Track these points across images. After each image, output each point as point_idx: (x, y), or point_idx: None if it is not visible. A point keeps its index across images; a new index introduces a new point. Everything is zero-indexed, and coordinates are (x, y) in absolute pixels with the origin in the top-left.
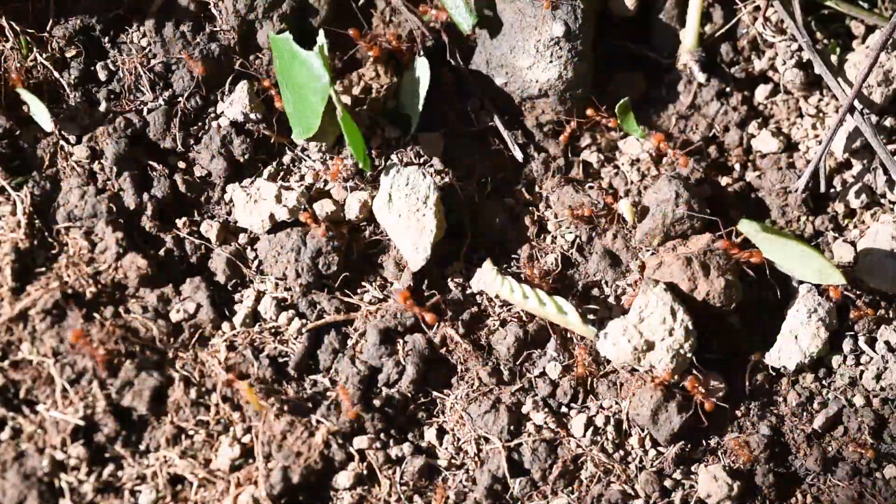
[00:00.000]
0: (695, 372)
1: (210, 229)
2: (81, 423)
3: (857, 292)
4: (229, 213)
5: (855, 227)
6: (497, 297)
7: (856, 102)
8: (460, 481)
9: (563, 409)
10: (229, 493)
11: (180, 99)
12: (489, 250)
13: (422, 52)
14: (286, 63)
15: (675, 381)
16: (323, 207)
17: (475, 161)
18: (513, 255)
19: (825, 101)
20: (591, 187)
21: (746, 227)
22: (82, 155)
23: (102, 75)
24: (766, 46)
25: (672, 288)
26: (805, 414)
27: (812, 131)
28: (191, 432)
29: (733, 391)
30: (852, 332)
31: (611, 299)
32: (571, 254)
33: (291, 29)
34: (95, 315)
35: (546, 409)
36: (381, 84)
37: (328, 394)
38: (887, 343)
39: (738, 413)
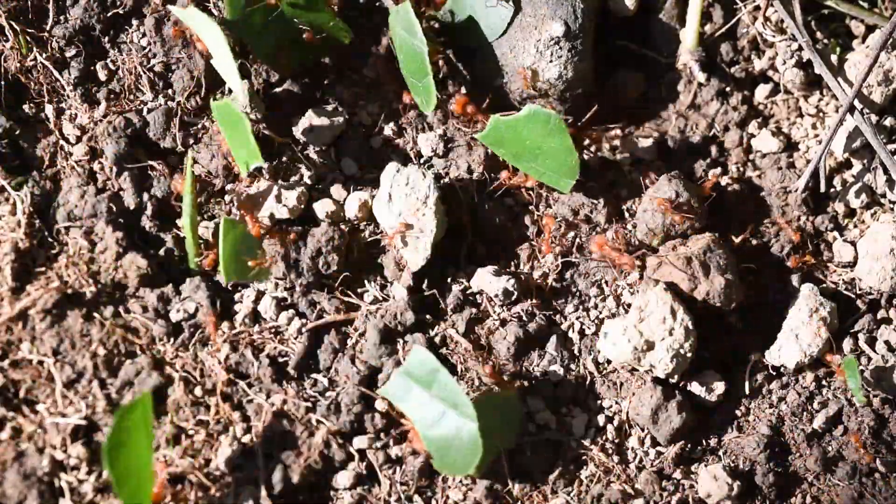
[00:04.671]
0: None
1: (208, 230)
2: (82, 423)
3: (857, 292)
4: (229, 213)
5: (855, 226)
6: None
7: (856, 102)
8: (460, 481)
9: (564, 409)
10: (229, 493)
11: (180, 99)
12: (489, 250)
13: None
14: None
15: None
16: (323, 207)
17: (475, 161)
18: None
19: (825, 100)
20: (590, 187)
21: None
22: (82, 155)
23: (102, 75)
24: (766, 46)
25: (672, 288)
26: (805, 414)
27: (812, 131)
28: (191, 432)
29: (733, 391)
30: (852, 332)
31: (611, 299)
32: (571, 253)
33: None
34: (95, 315)
35: (546, 409)
36: None
37: (328, 394)
38: (887, 343)
39: (738, 413)
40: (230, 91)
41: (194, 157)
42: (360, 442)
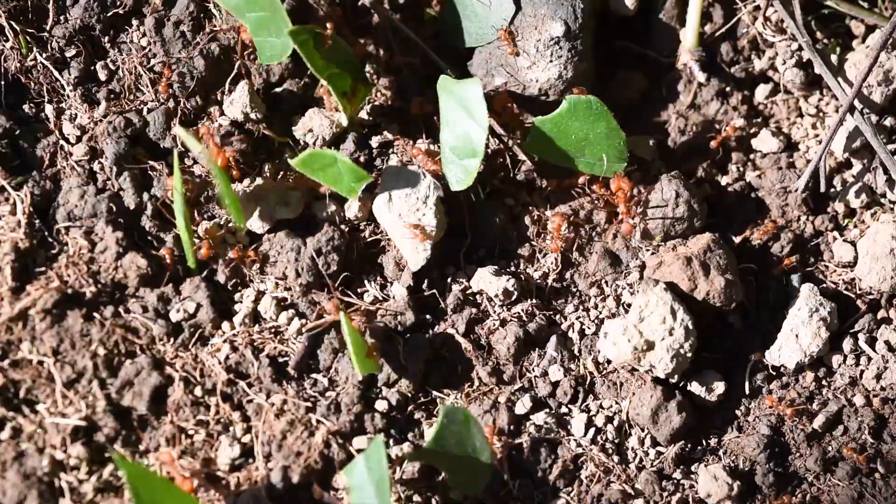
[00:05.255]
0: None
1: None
2: (82, 423)
3: (857, 292)
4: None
5: (855, 226)
6: None
7: (856, 102)
8: None
9: (563, 409)
10: (229, 493)
11: (180, 98)
12: (489, 250)
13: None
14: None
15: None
16: (323, 207)
17: None
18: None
19: (825, 100)
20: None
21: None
22: (82, 155)
23: (102, 75)
24: (766, 46)
25: (672, 288)
26: (805, 414)
27: (812, 131)
28: (191, 432)
29: (733, 391)
30: (852, 332)
31: (611, 299)
32: (571, 253)
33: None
34: (95, 315)
35: (546, 409)
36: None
37: (328, 394)
38: (887, 343)
39: (738, 413)
40: (230, 91)
41: (194, 157)
42: (359, 442)
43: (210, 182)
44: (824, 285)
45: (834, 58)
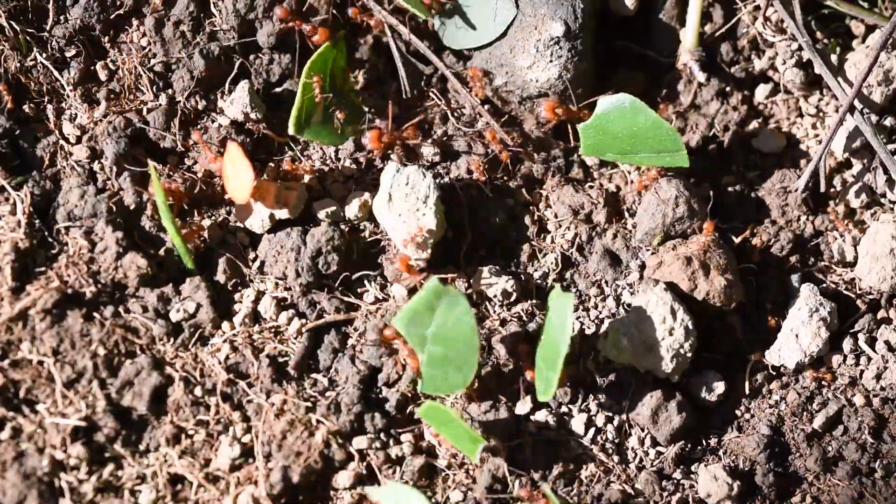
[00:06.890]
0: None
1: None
2: (82, 423)
3: (857, 292)
4: (229, 213)
5: (855, 226)
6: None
7: (856, 102)
8: (460, 481)
9: (563, 409)
10: (229, 493)
11: (180, 98)
12: (489, 250)
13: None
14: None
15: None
16: (323, 207)
17: (475, 161)
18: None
19: (825, 100)
20: (590, 187)
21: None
22: (82, 155)
23: (102, 75)
24: (766, 46)
25: (672, 288)
26: (805, 414)
27: (812, 131)
28: (191, 432)
29: (733, 391)
30: (852, 332)
31: (611, 299)
32: (571, 253)
33: (291, 29)
34: (95, 315)
35: (546, 409)
36: None
37: (328, 394)
38: (887, 343)
39: (738, 413)
40: (230, 91)
41: (195, 157)
42: (359, 442)
43: (209, 183)
44: (824, 285)
45: (834, 58)
